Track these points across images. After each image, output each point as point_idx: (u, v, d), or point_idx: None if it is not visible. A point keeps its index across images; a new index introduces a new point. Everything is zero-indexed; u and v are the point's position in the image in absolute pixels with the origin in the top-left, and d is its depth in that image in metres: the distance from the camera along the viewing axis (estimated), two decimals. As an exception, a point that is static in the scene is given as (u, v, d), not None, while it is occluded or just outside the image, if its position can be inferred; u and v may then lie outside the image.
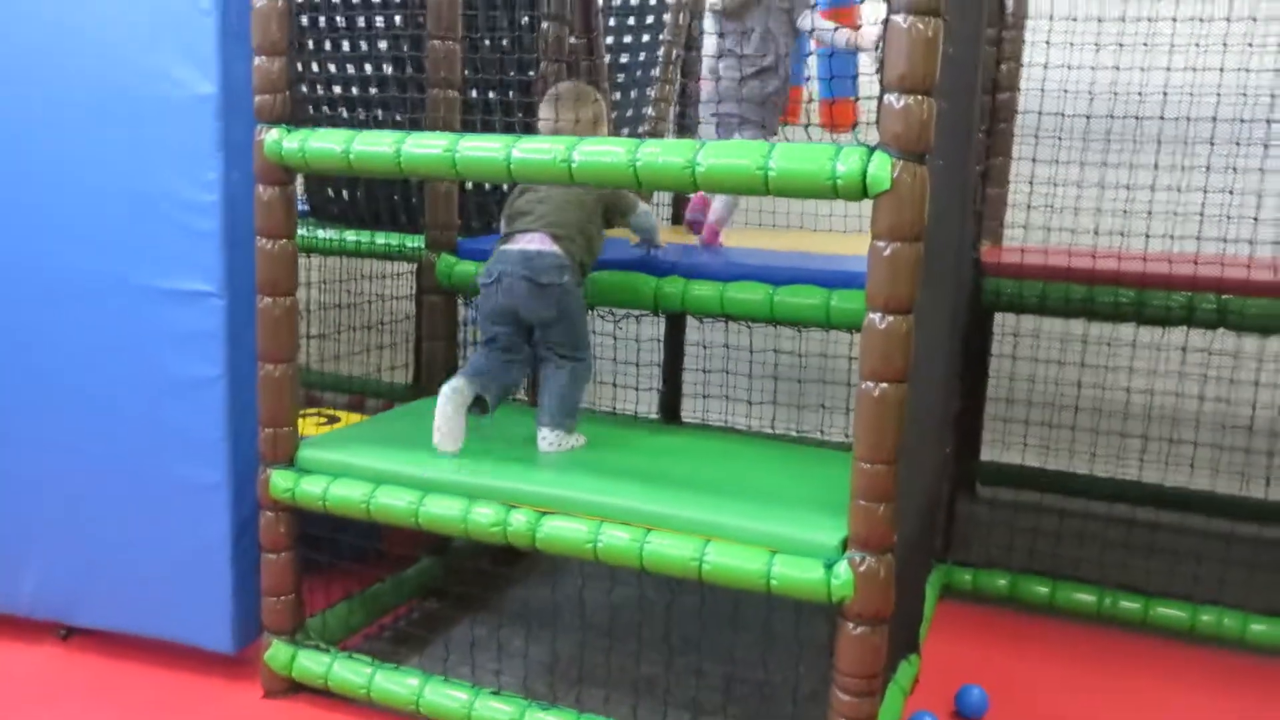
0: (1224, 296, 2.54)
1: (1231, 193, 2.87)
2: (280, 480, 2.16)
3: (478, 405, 2.23)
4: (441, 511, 2.02)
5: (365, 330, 3.66)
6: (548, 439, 2.23)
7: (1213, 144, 2.93)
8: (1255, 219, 2.84)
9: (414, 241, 3.34)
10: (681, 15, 3.75)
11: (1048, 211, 3.23)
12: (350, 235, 3.35)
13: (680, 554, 1.81)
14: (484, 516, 1.97)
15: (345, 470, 2.14)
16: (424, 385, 2.72)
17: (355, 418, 3.16)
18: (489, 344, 2.31)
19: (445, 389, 2.18)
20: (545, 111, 2.41)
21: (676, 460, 2.20)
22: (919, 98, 1.59)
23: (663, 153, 1.74)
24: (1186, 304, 2.57)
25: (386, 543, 2.74)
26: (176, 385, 2.19)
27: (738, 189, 1.74)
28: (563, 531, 1.91)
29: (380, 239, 3.33)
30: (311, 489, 2.13)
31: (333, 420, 3.23)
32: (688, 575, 1.82)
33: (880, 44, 1.67)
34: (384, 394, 3.84)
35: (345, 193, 3.67)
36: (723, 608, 2.50)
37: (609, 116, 2.63)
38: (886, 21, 1.60)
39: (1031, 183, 3.19)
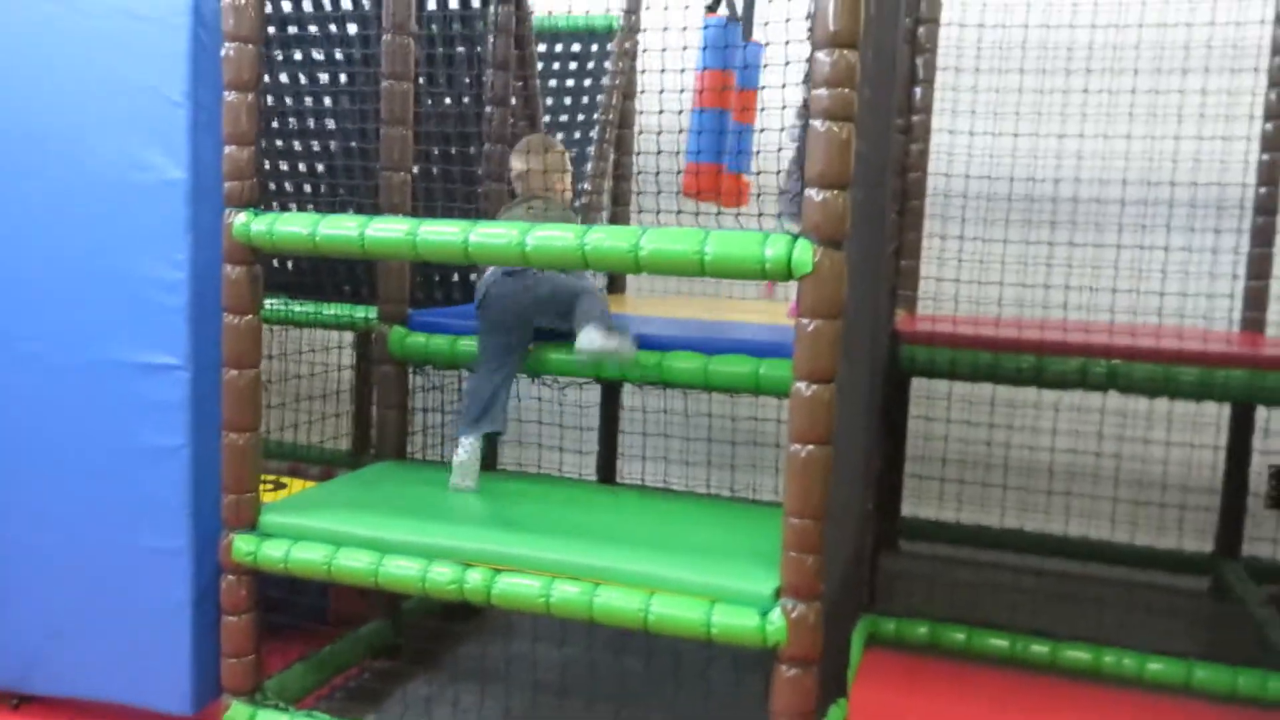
0: (1113, 361, 2.80)
1: (1099, 266, 3.16)
2: (243, 544, 2.25)
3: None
4: (401, 572, 2.13)
5: (309, 400, 3.77)
6: (592, 335, 2.37)
7: (1074, 221, 3.22)
8: (1136, 291, 3.13)
9: (361, 312, 3.47)
10: (615, 95, 3.98)
11: (957, 283, 3.50)
12: (297, 307, 3.45)
13: (627, 606, 1.96)
14: (441, 575, 2.10)
15: (306, 534, 2.25)
16: (378, 451, 2.83)
17: (302, 484, 3.24)
18: (487, 362, 2.51)
19: (462, 453, 2.45)
20: (516, 162, 2.72)
21: (619, 518, 2.35)
22: (836, 193, 1.80)
23: (608, 238, 1.93)
24: (1080, 369, 2.82)
25: (335, 604, 2.83)
26: (141, 454, 2.28)
27: (677, 271, 1.93)
28: (517, 588, 2.05)
29: (328, 310, 3.45)
30: (273, 552, 2.23)
31: (280, 486, 3.30)
32: (634, 626, 1.96)
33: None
34: (323, 461, 3.93)
35: (289, 264, 3.78)
36: (666, 665, 2.64)
37: (570, 168, 2.86)
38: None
39: (959, 253, 3.43)
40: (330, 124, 3.48)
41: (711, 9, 3.04)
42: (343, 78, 3.33)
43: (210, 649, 2.34)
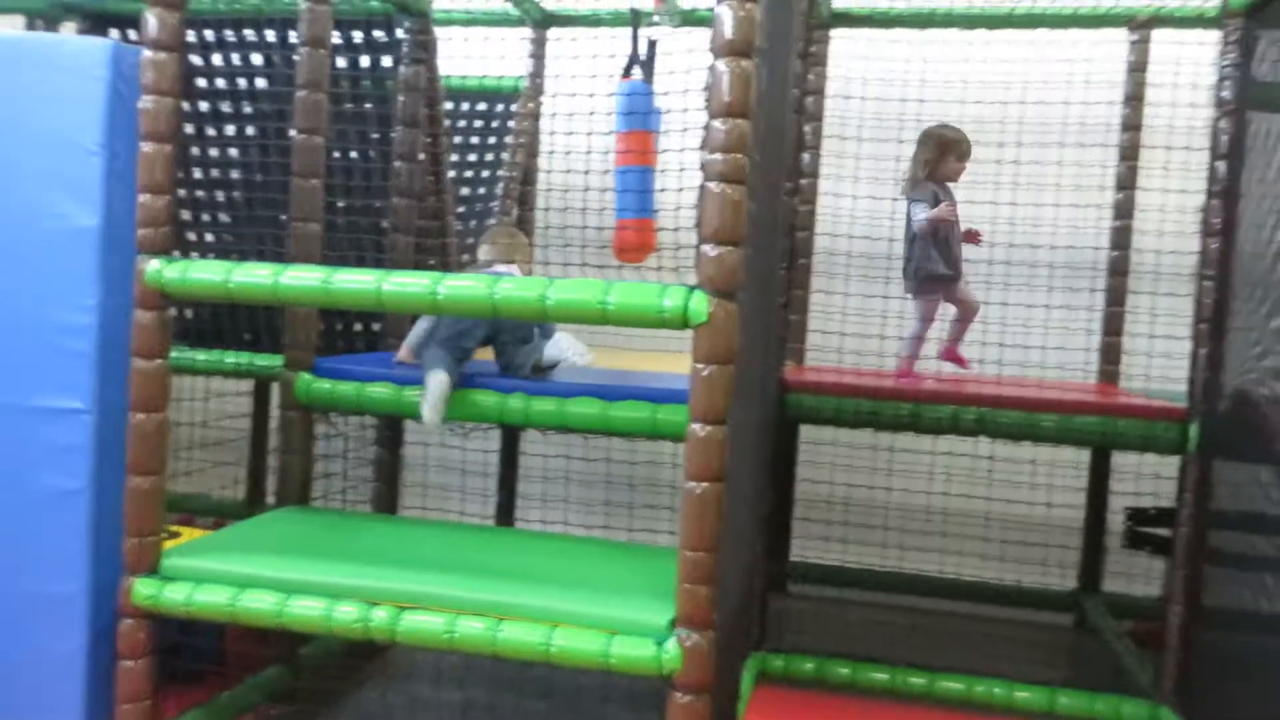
0: (982, 409, 3.02)
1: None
2: (143, 588, 2.25)
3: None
4: (305, 612, 2.17)
5: (202, 448, 3.75)
6: (564, 343, 2.75)
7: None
8: (1000, 344, 3.39)
9: (262, 360, 3.49)
10: (519, 153, 4.12)
11: (841, 336, 3.72)
12: (200, 355, 3.46)
13: (530, 639, 2.04)
14: (347, 614, 2.14)
15: (209, 576, 2.26)
16: (279, 497, 2.85)
17: (196, 532, 3.22)
18: (448, 354, 2.68)
19: (434, 384, 2.58)
20: (484, 252, 2.97)
21: (521, 558, 2.44)
22: (729, 248, 1.96)
23: (517, 288, 2.04)
24: (953, 415, 3.03)
25: (230, 647, 2.82)
26: (41, 498, 2.27)
27: (582, 319, 2.05)
28: (422, 625, 2.11)
29: (229, 358, 3.46)
30: (175, 596, 2.23)
31: (174, 535, 3.27)
32: (536, 659, 2.04)
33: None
34: (216, 511, 3.89)
35: (189, 312, 3.78)
36: (565, 704, 2.70)
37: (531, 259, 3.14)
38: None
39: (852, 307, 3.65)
40: (234, 174, 3.53)
41: (625, 74, 3.20)
42: (249, 129, 3.40)
43: (104, 697, 2.32)
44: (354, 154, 3.42)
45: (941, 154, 3.30)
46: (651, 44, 3.21)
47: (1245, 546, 2.54)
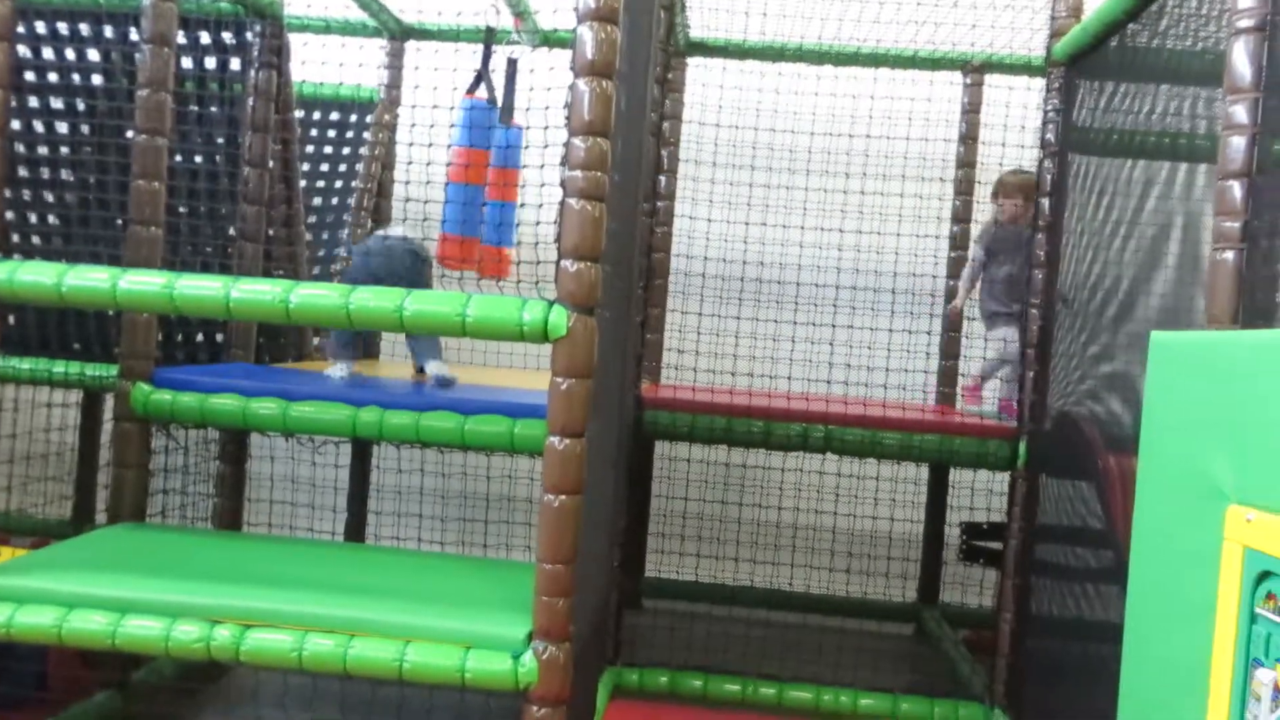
0: (829, 427, 3.14)
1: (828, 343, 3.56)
2: (-43, 611, 2.09)
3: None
4: (141, 632, 2.06)
5: (24, 461, 3.52)
6: (437, 367, 2.92)
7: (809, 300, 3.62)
8: (847, 364, 3.53)
9: (94, 369, 3.31)
10: (375, 165, 4.05)
11: (696, 355, 3.80)
12: (25, 364, 3.25)
13: (382, 656, 1.99)
14: (187, 634, 2.04)
15: (32, 596, 2.12)
16: (112, 513, 2.70)
17: (9, 552, 3.02)
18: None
19: (340, 369, 2.95)
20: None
21: (373, 574, 2.38)
22: (588, 264, 1.98)
23: (374, 298, 2.01)
24: (802, 433, 3.14)
25: (54, 671, 2.65)
26: None
27: (440, 331, 2.03)
28: (268, 643, 2.03)
29: (57, 367, 3.26)
30: (-7, 618, 2.09)
31: (-11, 557, 3.05)
32: (389, 676, 2.00)
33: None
34: (36, 530, 3.65)
35: (11, 318, 3.55)
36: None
37: None
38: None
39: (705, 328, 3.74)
40: (66, 174, 3.35)
41: (471, 90, 3.20)
42: (84, 128, 3.23)
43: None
44: (199, 158, 3.30)
45: (994, 195, 3.52)
46: (512, 62, 3.23)
47: (1067, 557, 2.72)
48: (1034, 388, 2.97)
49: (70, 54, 3.30)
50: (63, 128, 3.36)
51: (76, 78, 3.31)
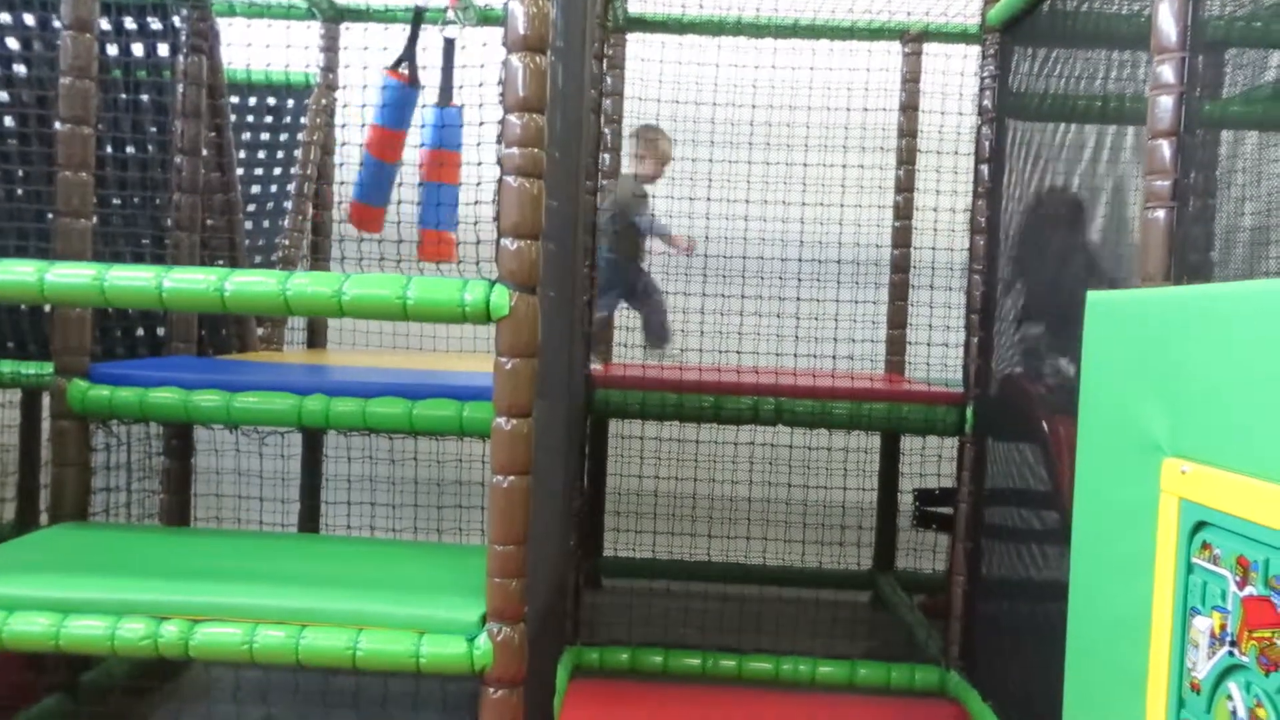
0: (780, 399, 3.15)
1: (779, 315, 3.57)
2: (-108, 619, 2.04)
3: None
4: (86, 632, 2.02)
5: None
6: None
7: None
8: (795, 336, 3.55)
9: (30, 368, 3.23)
10: (314, 150, 3.99)
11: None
12: (-45, 363, 3.16)
13: (335, 645, 1.97)
14: (133, 631, 2.01)
15: (-30, 602, 2.07)
16: (53, 513, 2.64)
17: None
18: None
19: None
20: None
21: (324, 564, 2.35)
22: (529, 242, 1.97)
23: (311, 284, 1.98)
24: (753, 406, 3.15)
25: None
26: None
27: (381, 315, 2.01)
28: (217, 638, 2.00)
29: (-10, 366, 3.18)
30: (-71, 625, 2.03)
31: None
32: (343, 665, 1.98)
33: None
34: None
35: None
36: (374, 714, 2.63)
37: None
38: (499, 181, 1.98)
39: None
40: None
41: (393, 69, 3.16)
42: (7, 120, 3.13)
43: None
44: (130, 147, 3.21)
45: None
46: (448, 42, 3.18)
47: (1015, 519, 2.77)
48: (978, 353, 3.00)
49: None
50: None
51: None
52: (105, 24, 2.96)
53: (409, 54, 3.13)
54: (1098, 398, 1.70)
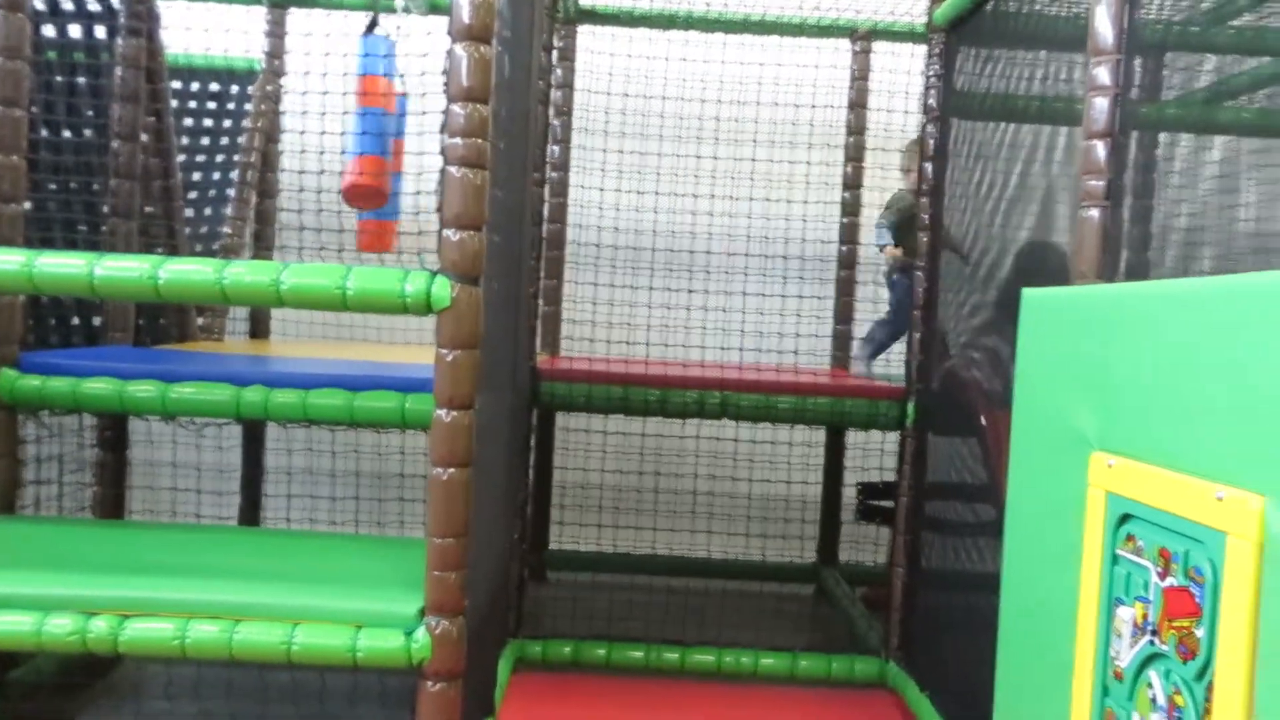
0: (725, 393, 3.16)
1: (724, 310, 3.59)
2: None
3: None
4: (11, 628, 1.97)
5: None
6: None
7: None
8: (741, 330, 3.57)
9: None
10: (257, 138, 3.92)
11: (593, 326, 3.79)
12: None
13: (270, 640, 1.95)
14: (60, 627, 1.96)
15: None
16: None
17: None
18: None
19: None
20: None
21: (261, 558, 2.32)
22: (472, 233, 1.95)
23: (249, 272, 1.94)
24: (698, 399, 3.16)
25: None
26: None
27: (320, 305, 1.98)
28: (148, 633, 1.96)
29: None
30: None
31: None
32: (278, 659, 1.95)
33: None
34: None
35: None
36: (312, 709, 2.59)
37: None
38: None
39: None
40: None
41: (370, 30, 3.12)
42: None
43: None
44: (66, 131, 3.14)
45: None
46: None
47: (954, 512, 2.81)
48: (920, 348, 3.04)
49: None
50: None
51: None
52: (40, 3, 2.89)
53: (375, 21, 3.09)
54: (1031, 393, 1.73)
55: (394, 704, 2.27)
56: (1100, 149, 1.94)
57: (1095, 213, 1.94)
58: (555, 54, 3.80)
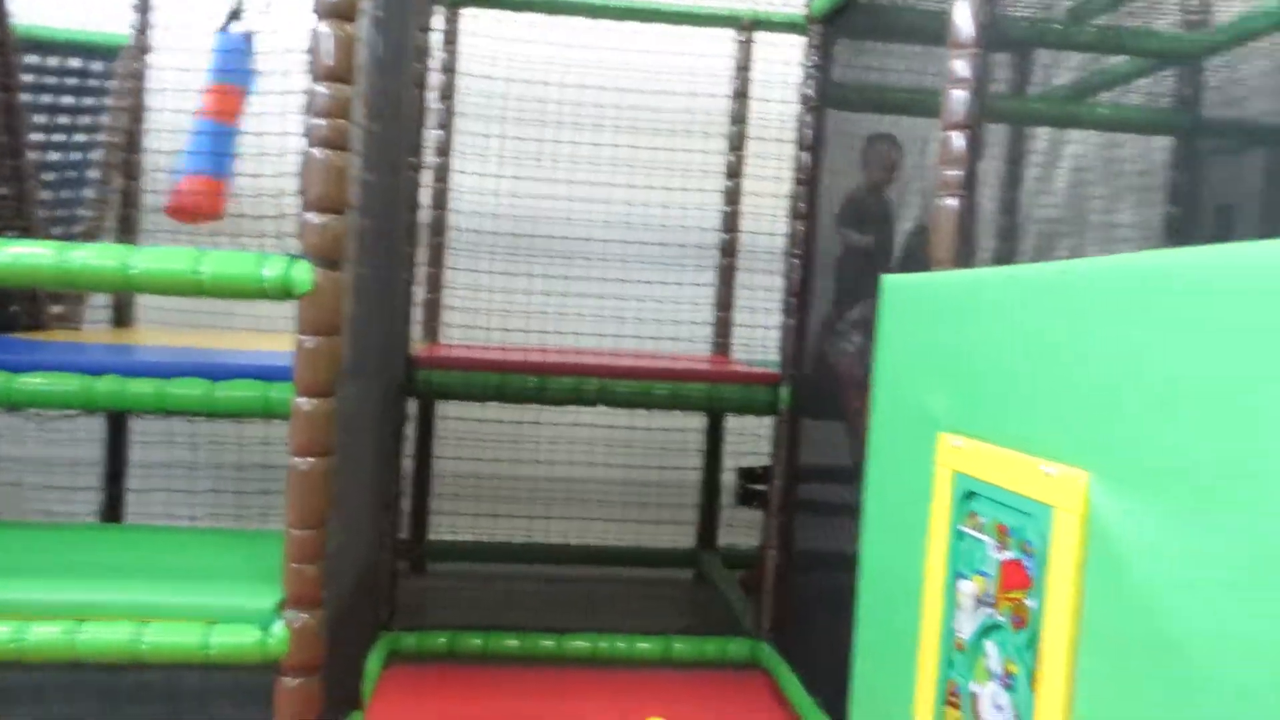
0: (602, 379, 3.16)
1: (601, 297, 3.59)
2: None
3: None
4: None
5: None
6: None
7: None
8: (620, 318, 3.58)
9: None
10: (122, 117, 3.75)
11: (474, 313, 3.75)
12: None
13: (116, 639, 1.86)
14: (-117, 631, 1.84)
15: None
16: None
17: None
18: None
19: None
20: None
21: (113, 554, 2.22)
22: (334, 216, 1.90)
23: (95, 256, 1.85)
24: (575, 386, 3.15)
25: None
26: None
27: (175, 291, 1.90)
28: (-18, 635, 1.86)
29: None
30: None
31: None
32: (126, 660, 1.87)
33: None
34: None
35: None
36: (162, 710, 2.50)
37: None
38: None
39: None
40: None
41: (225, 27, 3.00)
42: None
43: None
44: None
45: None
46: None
47: (822, 495, 2.87)
48: (794, 334, 3.09)
49: None
50: None
51: None
52: None
53: (236, 11, 2.97)
54: (889, 376, 1.78)
55: (250, 700, 2.20)
56: (958, 139, 2.00)
57: (953, 201, 1.99)
58: (439, 36, 3.74)
